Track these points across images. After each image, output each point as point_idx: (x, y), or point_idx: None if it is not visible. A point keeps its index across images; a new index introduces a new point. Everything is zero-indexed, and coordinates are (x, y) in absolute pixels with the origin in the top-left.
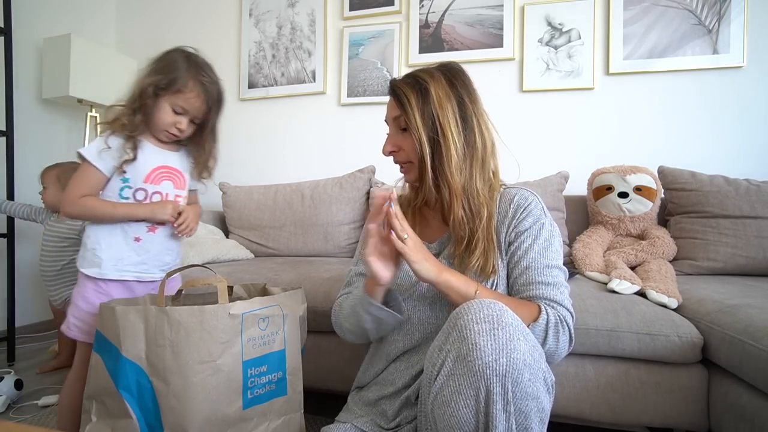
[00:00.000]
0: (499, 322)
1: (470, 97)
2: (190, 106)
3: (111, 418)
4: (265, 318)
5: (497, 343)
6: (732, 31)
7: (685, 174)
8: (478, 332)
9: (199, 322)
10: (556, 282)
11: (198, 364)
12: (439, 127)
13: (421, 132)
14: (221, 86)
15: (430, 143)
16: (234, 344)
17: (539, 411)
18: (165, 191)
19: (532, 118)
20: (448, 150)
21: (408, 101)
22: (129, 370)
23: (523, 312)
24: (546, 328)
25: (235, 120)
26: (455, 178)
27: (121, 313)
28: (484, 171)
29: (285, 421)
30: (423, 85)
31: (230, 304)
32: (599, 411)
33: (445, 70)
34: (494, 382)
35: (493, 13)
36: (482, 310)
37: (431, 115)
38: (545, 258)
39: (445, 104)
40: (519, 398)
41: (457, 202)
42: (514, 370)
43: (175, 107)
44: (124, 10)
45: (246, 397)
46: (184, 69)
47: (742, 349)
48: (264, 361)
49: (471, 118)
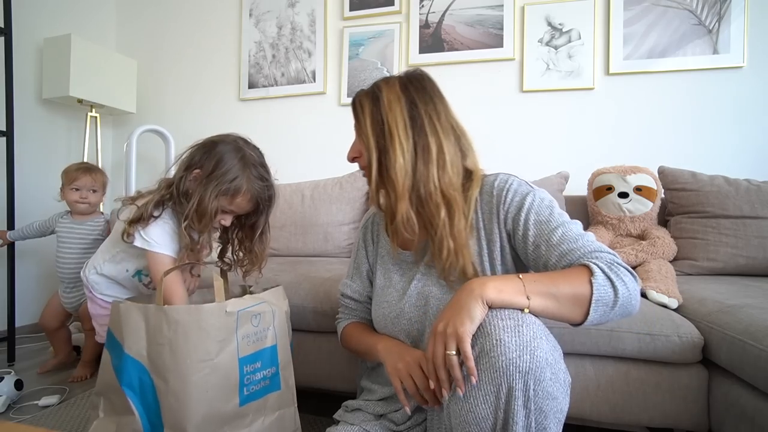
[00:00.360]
0: (523, 319)
1: (424, 99)
2: (239, 208)
3: (116, 414)
4: (257, 315)
5: (521, 339)
6: (732, 32)
7: (685, 174)
8: (503, 328)
9: (196, 320)
10: (575, 236)
11: (196, 363)
12: (387, 129)
13: (369, 136)
14: (275, 188)
15: (378, 147)
16: (230, 342)
17: (557, 411)
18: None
19: (532, 118)
20: (394, 152)
21: (361, 108)
22: (131, 367)
23: (575, 277)
24: (607, 276)
25: (235, 120)
26: (399, 180)
27: (125, 309)
28: (446, 172)
29: (280, 415)
30: (376, 91)
31: (226, 302)
32: (599, 411)
33: (403, 75)
34: (516, 378)
35: (493, 13)
36: (505, 308)
37: (380, 119)
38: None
39: (395, 107)
40: (540, 397)
41: (402, 204)
42: (537, 368)
43: (223, 207)
44: (124, 10)
45: (242, 393)
46: (240, 175)
47: (742, 349)
48: (258, 357)
49: (422, 119)
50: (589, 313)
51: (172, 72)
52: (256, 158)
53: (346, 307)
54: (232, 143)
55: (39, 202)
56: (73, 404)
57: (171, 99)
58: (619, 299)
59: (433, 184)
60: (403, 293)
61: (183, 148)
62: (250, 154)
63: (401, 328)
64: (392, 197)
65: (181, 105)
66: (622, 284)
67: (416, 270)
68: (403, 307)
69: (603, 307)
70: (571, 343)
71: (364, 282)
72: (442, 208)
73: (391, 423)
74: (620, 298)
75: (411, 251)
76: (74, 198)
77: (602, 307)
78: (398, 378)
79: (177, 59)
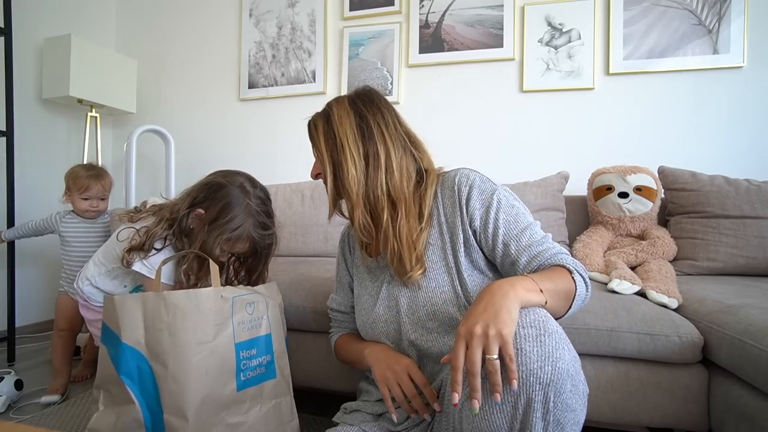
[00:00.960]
0: (546, 328)
1: (372, 110)
2: (237, 251)
3: (116, 405)
4: (251, 303)
5: (543, 350)
6: (732, 32)
7: (685, 174)
8: (524, 337)
9: (194, 305)
10: (541, 239)
11: (195, 345)
12: (339, 143)
13: (323, 152)
14: (276, 236)
15: (332, 161)
16: (227, 326)
17: (575, 423)
18: None
19: (532, 118)
20: (346, 163)
21: (315, 128)
22: (129, 356)
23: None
24: (579, 274)
25: (235, 120)
26: (352, 189)
27: (120, 301)
28: (393, 176)
29: (276, 404)
30: (328, 110)
31: (222, 288)
32: (599, 411)
33: (352, 92)
34: (537, 390)
35: (493, 13)
36: (528, 315)
37: (333, 134)
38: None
39: (344, 120)
40: (559, 409)
41: (357, 211)
42: (558, 380)
43: (223, 246)
44: (124, 10)
45: (239, 379)
46: (244, 224)
47: (742, 349)
48: (253, 344)
49: (371, 128)
50: (571, 306)
51: (172, 72)
52: (260, 205)
53: (335, 320)
54: (239, 188)
55: (39, 202)
56: (74, 404)
57: (171, 99)
58: (588, 293)
59: (381, 189)
60: (376, 298)
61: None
62: (255, 201)
63: (380, 331)
64: (349, 206)
65: (181, 105)
66: (588, 280)
67: (386, 273)
68: (378, 311)
69: (579, 301)
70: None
71: (347, 294)
72: (386, 210)
73: (390, 423)
74: (588, 292)
75: (378, 257)
76: (84, 207)
77: (578, 301)
78: (386, 386)
79: (177, 59)
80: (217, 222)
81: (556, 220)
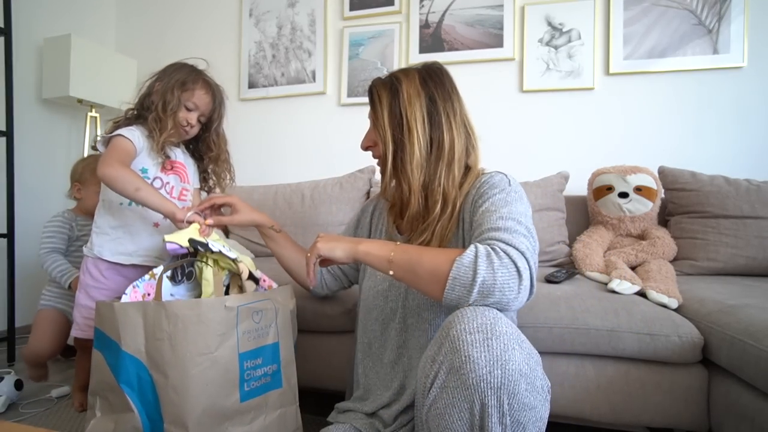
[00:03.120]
0: (493, 331)
1: (443, 95)
2: (201, 102)
3: (114, 413)
4: (258, 311)
5: (491, 354)
6: (732, 31)
7: (685, 174)
8: (471, 343)
9: (196, 314)
10: (506, 227)
11: (196, 356)
12: (405, 123)
13: (386, 129)
14: (222, 89)
15: (394, 140)
16: (230, 337)
17: (536, 420)
18: (173, 183)
19: (532, 118)
20: (411, 147)
21: (379, 99)
22: (129, 365)
23: (444, 256)
24: (474, 259)
25: (235, 120)
26: (415, 176)
27: (120, 308)
28: (452, 169)
29: (281, 413)
30: (395, 83)
31: (225, 297)
32: (599, 411)
33: (422, 68)
34: (489, 395)
35: (493, 13)
36: (475, 319)
37: (399, 112)
38: (499, 211)
39: (414, 101)
40: (515, 410)
41: (414, 198)
42: (509, 382)
43: (187, 103)
44: (124, 10)
45: (243, 389)
46: (191, 70)
47: (742, 349)
48: (259, 354)
49: (440, 115)
50: (446, 289)
51: None
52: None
53: None
54: (181, 62)
55: (39, 202)
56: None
57: None
58: (477, 283)
59: (438, 181)
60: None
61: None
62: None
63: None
64: (405, 190)
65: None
66: (488, 271)
67: None
68: (385, 285)
69: (460, 288)
70: (571, 343)
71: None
72: (438, 204)
73: (380, 422)
74: (477, 282)
75: (401, 234)
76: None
77: (459, 287)
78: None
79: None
80: (170, 76)
81: (556, 220)
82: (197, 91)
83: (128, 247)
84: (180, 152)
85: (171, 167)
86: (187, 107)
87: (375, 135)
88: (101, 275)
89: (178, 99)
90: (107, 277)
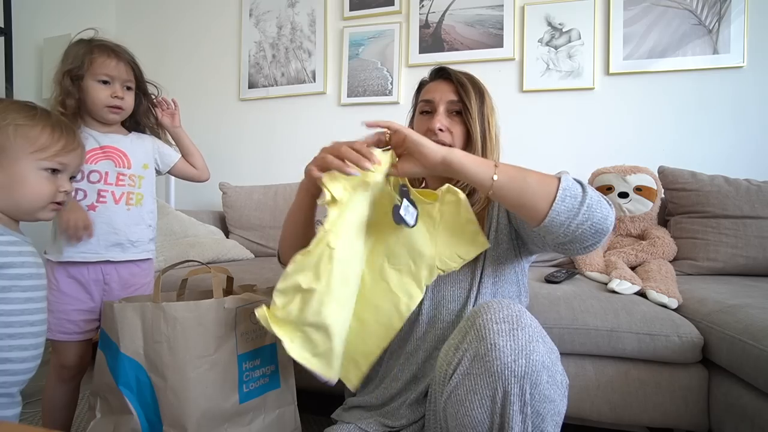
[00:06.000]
0: (519, 322)
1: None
2: (112, 70)
3: (113, 414)
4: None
5: (517, 344)
6: (732, 32)
7: (685, 174)
8: (498, 332)
9: (195, 317)
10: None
11: (195, 359)
12: (487, 131)
13: (476, 127)
14: (122, 45)
15: (479, 137)
16: (229, 338)
17: (555, 414)
18: (104, 170)
19: (532, 118)
20: (492, 153)
21: (472, 96)
22: (128, 367)
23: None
24: (576, 180)
25: (235, 120)
26: None
27: (119, 309)
28: None
29: (280, 414)
30: (481, 89)
31: (224, 299)
32: (599, 411)
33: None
34: (512, 383)
35: (493, 13)
36: (501, 310)
37: (483, 118)
38: None
39: (493, 115)
40: (536, 400)
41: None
42: (533, 372)
43: (98, 78)
44: (124, 10)
45: (242, 391)
46: (83, 44)
47: (742, 349)
48: (257, 355)
49: (496, 134)
50: (555, 201)
51: (172, 72)
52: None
53: None
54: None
55: None
56: None
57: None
58: (587, 198)
59: None
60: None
61: None
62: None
63: None
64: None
65: (181, 105)
66: (590, 189)
67: None
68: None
69: (571, 199)
70: (571, 343)
71: None
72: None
73: (388, 417)
74: (588, 196)
75: None
76: None
77: (570, 198)
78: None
79: (177, 59)
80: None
81: None
82: (97, 57)
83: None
84: (124, 138)
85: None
86: (102, 81)
87: (447, 121)
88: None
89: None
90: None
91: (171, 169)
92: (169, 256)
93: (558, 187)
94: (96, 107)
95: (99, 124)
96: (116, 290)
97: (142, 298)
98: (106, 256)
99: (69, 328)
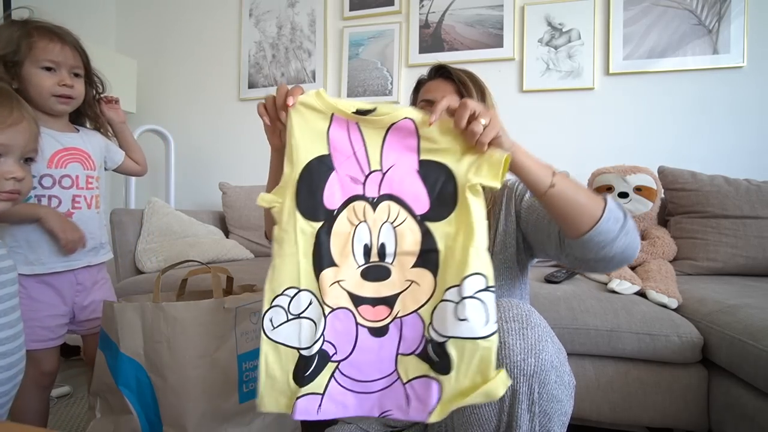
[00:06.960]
0: (528, 322)
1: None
2: (57, 55)
3: (113, 414)
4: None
5: (526, 342)
6: (732, 32)
7: (685, 174)
8: (507, 331)
9: (194, 317)
10: None
11: (195, 359)
12: None
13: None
14: (65, 27)
15: None
16: (229, 338)
17: (561, 414)
18: (74, 173)
19: (532, 118)
20: None
21: (474, 94)
22: (128, 367)
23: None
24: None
25: (235, 120)
26: None
27: (119, 309)
28: None
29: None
30: (482, 87)
31: (224, 299)
32: (599, 411)
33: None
34: (521, 381)
35: (493, 13)
36: (511, 309)
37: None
38: None
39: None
40: (544, 400)
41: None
42: (542, 371)
43: (40, 64)
44: (124, 10)
45: (242, 390)
46: (16, 27)
47: (742, 349)
48: (257, 355)
49: None
50: (601, 219)
51: (172, 72)
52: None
53: None
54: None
55: None
56: (74, 403)
57: (171, 99)
58: (627, 224)
59: None
60: None
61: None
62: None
63: None
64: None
65: (181, 105)
66: (630, 217)
67: None
68: None
69: (614, 221)
70: (571, 343)
71: None
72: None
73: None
74: (628, 223)
75: None
76: None
77: (613, 220)
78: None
79: (177, 59)
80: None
81: None
82: (36, 42)
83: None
84: (78, 138)
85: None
86: (45, 68)
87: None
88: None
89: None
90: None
91: (117, 167)
92: (169, 256)
93: (605, 207)
94: (41, 97)
95: (49, 119)
96: (88, 289)
97: (142, 298)
98: (85, 261)
99: (43, 335)
